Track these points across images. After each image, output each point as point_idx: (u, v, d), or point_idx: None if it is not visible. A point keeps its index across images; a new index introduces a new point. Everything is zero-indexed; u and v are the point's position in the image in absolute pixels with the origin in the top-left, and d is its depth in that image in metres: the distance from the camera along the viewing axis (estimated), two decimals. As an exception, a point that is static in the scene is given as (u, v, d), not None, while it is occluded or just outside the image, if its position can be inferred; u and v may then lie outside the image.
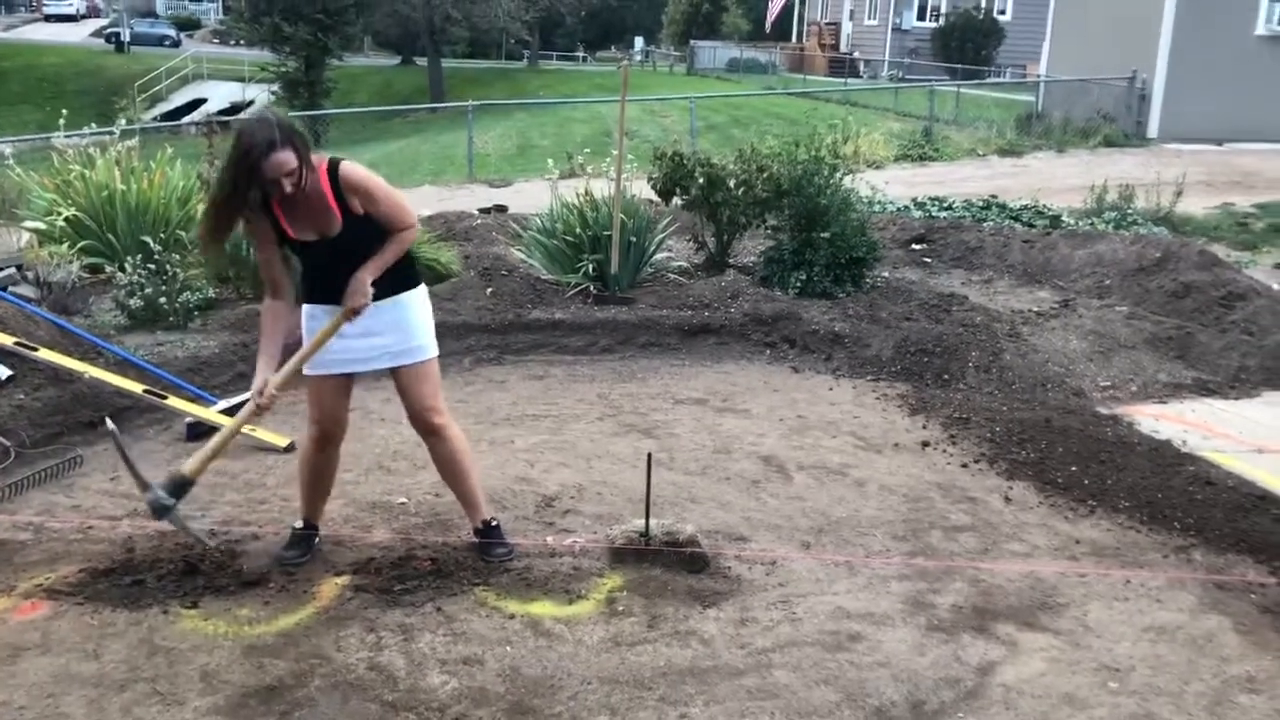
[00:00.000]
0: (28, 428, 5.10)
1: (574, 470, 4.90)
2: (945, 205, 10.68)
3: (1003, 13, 36.51)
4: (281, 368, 3.68)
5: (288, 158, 3.34)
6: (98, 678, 3.25)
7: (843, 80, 32.47)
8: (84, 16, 59.92)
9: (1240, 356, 6.39)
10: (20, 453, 4.91)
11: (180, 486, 3.70)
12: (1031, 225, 9.91)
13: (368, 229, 3.62)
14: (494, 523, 4.05)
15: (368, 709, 3.10)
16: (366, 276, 3.61)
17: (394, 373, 3.85)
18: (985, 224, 9.35)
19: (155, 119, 35.17)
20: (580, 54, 58.02)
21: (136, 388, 5.39)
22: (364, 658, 3.35)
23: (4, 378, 5.24)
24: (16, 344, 5.37)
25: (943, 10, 36.90)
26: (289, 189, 3.39)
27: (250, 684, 3.21)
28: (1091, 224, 9.57)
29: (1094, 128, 18.47)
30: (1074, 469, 4.86)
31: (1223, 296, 6.94)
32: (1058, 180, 14.47)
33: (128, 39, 49.30)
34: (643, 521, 3.97)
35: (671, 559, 3.91)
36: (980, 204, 10.81)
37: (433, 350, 3.89)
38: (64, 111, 8.64)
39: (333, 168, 3.55)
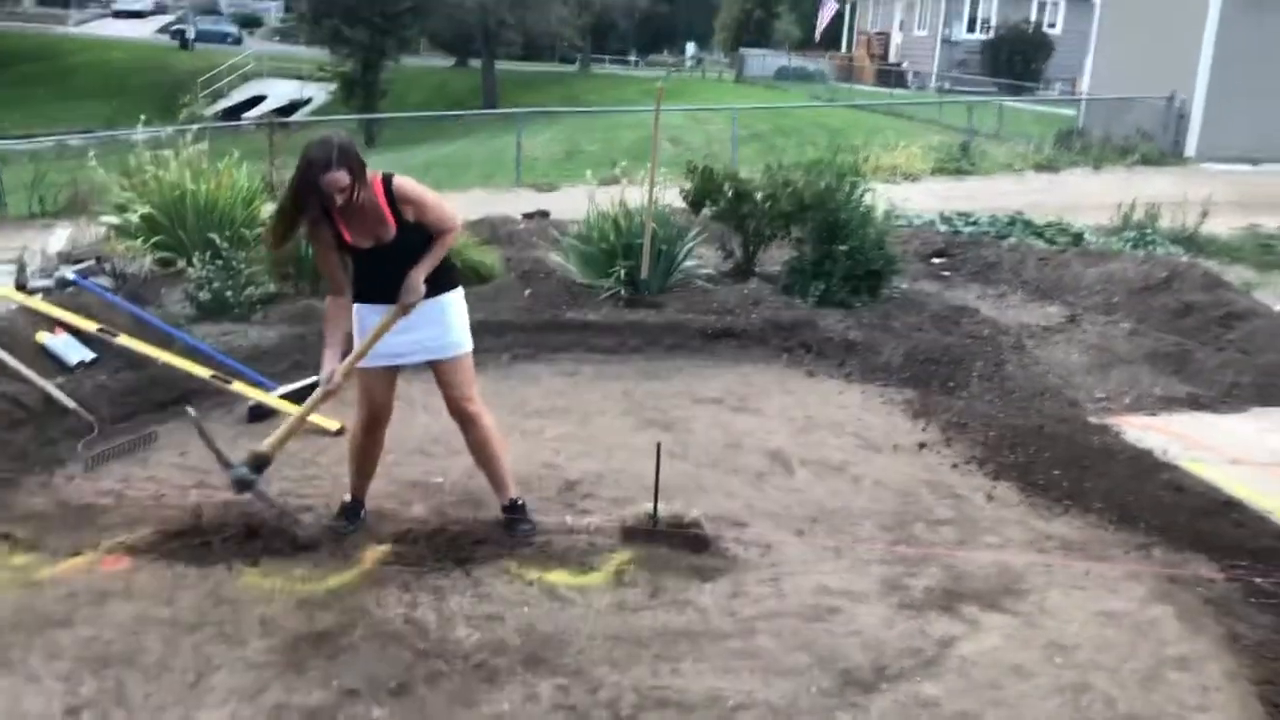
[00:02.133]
0: (108, 405, 5.68)
1: (595, 459, 5.38)
2: (970, 220, 11.04)
3: (1053, 26, 36.60)
4: (344, 359, 4.19)
5: (341, 176, 3.86)
6: (172, 620, 3.78)
7: (887, 91, 32.69)
8: (151, 13, 61.47)
9: (1234, 373, 6.71)
10: (102, 428, 5.48)
11: (260, 463, 4.22)
12: (1054, 242, 10.25)
13: (416, 235, 4.13)
14: (520, 502, 4.55)
15: (403, 655, 3.60)
16: (419, 275, 4.13)
17: (433, 366, 4.35)
18: (1006, 240, 9.71)
19: (216, 115, 36.20)
20: (632, 58, 58.60)
21: (205, 372, 5.95)
22: (400, 613, 3.85)
23: (88, 360, 5.83)
24: (100, 330, 5.96)
25: (992, 23, 37.01)
26: (340, 201, 3.90)
27: (303, 630, 3.73)
28: (1108, 243, 9.90)
29: (1132, 145, 18.67)
30: (1056, 472, 5.26)
31: (1222, 316, 7.27)
32: (1091, 197, 14.69)
33: (192, 36, 50.69)
34: (653, 505, 4.45)
35: (676, 539, 4.38)
36: (1006, 220, 11.15)
37: (468, 346, 4.39)
38: (141, 116, 9.27)
39: (387, 181, 4.08)
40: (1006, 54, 34.98)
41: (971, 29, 37.64)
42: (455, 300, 4.36)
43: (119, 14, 60.69)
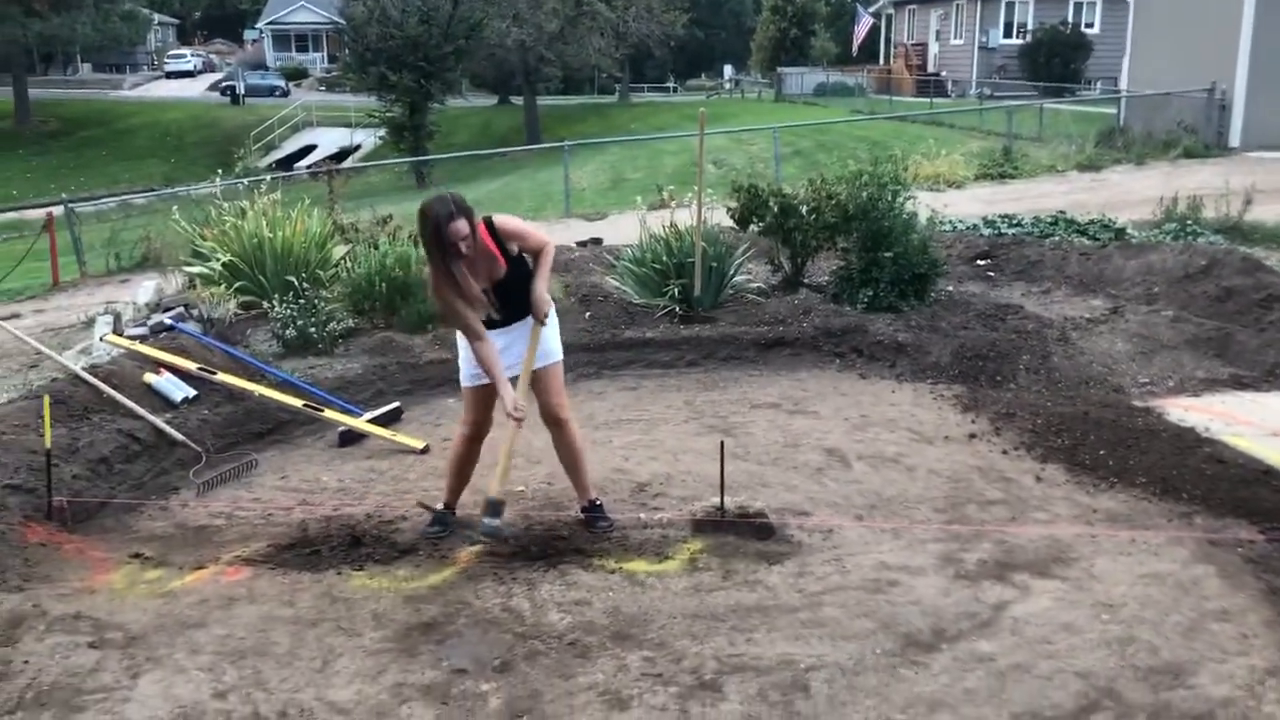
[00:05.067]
0: (211, 437, 6.17)
1: (662, 463, 5.75)
2: (1014, 222, 11.28)
3: (1090, 26, 36.59)
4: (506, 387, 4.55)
5: (462, 225, 4.31)
6: (294, 619, 4.19)
7: (928, 101, 32.88)
8: (200, 72, 63.45)
9: (1276, 353, 6.92)
10: (208, 457, 5.97)
11: (498, 509, 4.63)
12: (1096, 239, 10.46)
13: (522, 264, 4.61)
14: (598, 501, 4.94)
15: (503, 638, 3.99)
16: (543, 288, 4.62)
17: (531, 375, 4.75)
18: (1048, 239, 9.95)
19: (270, 166, 37.36)
20: (671, 84, 59.29)
21: (297, 403, 6.42)
22: (498, 603, 4.24)
23: (191, 396, 6.32)
24: (200, 369, 6.46)
25: (1029, 27, 37.06)
26: (465, 251, 4.34)
27: (411, 622, 4.13)
28: (1149, 236, 10.09)
29: (1174, 140, 18.74)
30: (1102, 453, 5.54)
31: (1262, 299, 7.48)
32: (1135, 193, 14.83)
33: (242, 91, 52.22)
34: (720, 499, 4.81)
35: (743, 528, 4.73)
36: (1049, 220, 11.37)
37: (560, 355, 4.84)
38: (218, 171, 9.83)
39: (489, 222, 4.53)
40: (1045, 57, 35.05)
41: (1009, 34, 37.72)
42: (550, 315, 4.78)
43: (170, 74, 62.73)
